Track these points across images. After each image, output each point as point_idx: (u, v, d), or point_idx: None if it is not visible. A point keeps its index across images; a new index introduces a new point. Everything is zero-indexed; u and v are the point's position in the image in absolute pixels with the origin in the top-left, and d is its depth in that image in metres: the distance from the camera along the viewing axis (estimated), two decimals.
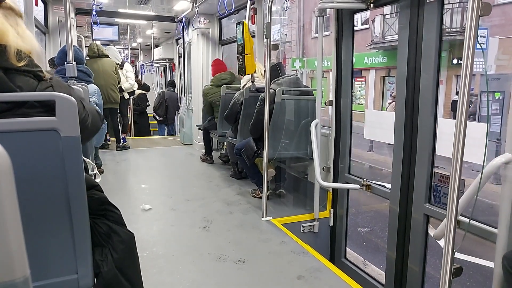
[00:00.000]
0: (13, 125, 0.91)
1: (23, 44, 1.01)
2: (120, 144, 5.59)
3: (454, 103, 9.39)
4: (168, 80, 9.49)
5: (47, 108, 0.97)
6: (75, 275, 1.03)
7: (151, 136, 7.85)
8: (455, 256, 1.39)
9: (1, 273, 0.45)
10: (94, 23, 5.44)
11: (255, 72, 3.52)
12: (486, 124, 1.62)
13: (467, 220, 1.80)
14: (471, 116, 7.82)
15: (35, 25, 4.10)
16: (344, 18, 2.88)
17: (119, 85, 5.32)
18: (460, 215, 1.88)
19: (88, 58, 4.84)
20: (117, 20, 6.67)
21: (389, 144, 2.59)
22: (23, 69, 0.98)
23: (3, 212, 0.46)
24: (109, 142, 5.83)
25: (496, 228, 1.70)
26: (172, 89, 8.04)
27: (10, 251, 0.46)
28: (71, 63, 2.21)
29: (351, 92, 2.97)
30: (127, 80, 5.95)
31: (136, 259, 1.29)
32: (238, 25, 3.32)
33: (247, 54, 3.28)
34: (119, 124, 5.57)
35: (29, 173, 0.93)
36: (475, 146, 1.70)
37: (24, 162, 0.92)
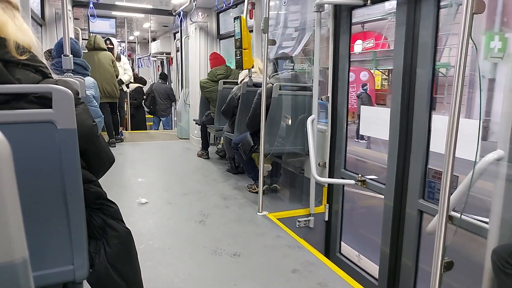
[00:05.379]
0: (9, 116, 0.91)
1: (22, 37, 1.00)
2: (118, 136, 5.59)
3: None
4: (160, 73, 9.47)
5: (46, 107, 0.95)
6: (71, 266, 1.04)
7: (146, 130, 7.85)
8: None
9: (0, 254, 0.47)
10: (91, 15, 5.40)
11: (252, 67, 3.52)
12: (478, 120, 1.63)
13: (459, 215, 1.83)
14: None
15: (31, 17, 4.06)
16: (341, 14, 2.89)
17: (118, 78, 5.29)
18: (453, 211, 1.91)
19: (86, 51, 4.81)
20: (114, 12, 6.63)
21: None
22: (23, 62, 0.97)
23: (3, 196, 0.47)
24: (122, 137, 5.86)
25: (487, 223, 1.72)
26: (163, 81, 8.01)
27: (9, 233, 0.48)
28: (68, 56, 2.21)
29: (348, 88, 2.98)
30: (126, 72, 5.95)
31: (133, 256, 1.24)
32: (236, 20, 3.30)
33: (244, 49, 3.28)
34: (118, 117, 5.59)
35: (26, 165, 0.93)
36: (468, 142, 1.71)
37: (20, 153, 0.92)
